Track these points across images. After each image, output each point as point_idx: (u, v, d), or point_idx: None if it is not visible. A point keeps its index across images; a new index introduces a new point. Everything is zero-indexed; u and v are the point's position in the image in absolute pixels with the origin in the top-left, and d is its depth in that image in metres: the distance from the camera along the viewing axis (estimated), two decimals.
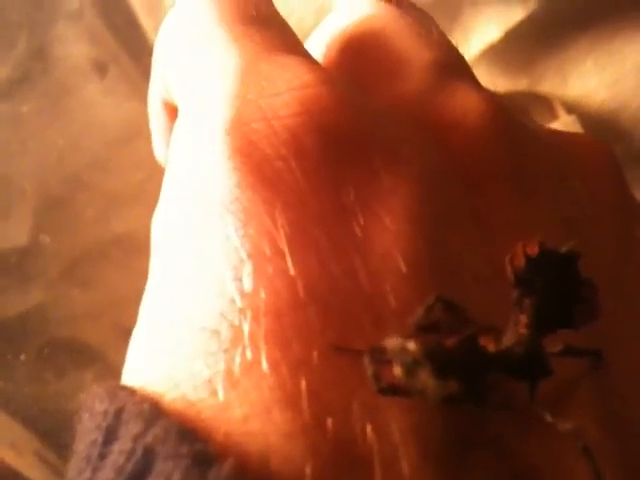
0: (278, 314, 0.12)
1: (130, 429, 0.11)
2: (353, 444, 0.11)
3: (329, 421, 0.11)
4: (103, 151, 0.37)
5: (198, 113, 0.15)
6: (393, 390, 0.11)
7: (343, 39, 0.18)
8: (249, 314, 0.12)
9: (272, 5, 0.18)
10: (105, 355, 0.37)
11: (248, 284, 0.12)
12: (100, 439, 0.12)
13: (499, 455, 0.12)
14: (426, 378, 0.11)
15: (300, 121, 0.14)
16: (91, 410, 0.12)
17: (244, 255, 0.13)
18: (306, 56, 0.16)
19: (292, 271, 0.12)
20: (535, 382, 0.12)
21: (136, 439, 0.11)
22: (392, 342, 0.11)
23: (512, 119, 0.16)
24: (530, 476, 0.12)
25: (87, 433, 0.12)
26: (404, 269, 0.13)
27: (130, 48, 0.37)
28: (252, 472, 0.11)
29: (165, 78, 0.18)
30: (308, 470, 0.11)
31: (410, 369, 0.11)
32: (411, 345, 0.11)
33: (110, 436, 0.12)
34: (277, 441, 0.11)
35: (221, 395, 0.12)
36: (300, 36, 0.18)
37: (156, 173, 0.38)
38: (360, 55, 0.18)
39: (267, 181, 0.13)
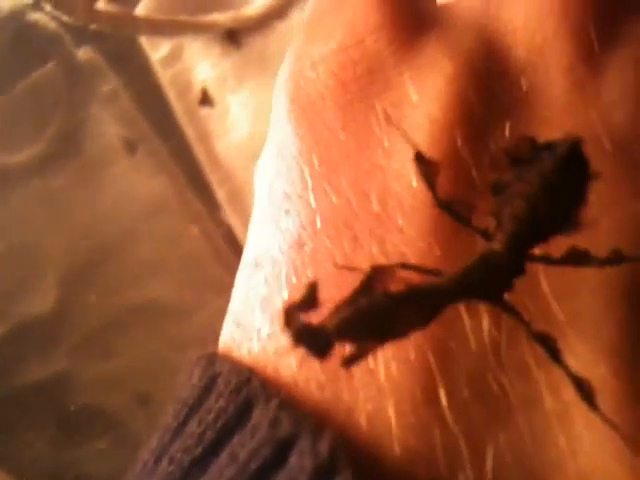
0: (300, 244, 0.15)
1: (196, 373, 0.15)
2: None
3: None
4: (129, 224, 0.39)
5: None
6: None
7: None
8: (285, 248, 0.15)
9: None
10: (123, 423, 0.37)
11: (288, 223, 0.15)
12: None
13: None
14: None
15: (339, 60, 0.16)
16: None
17: (287, 203, 0.15)
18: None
19: (313, 204, 0.15)
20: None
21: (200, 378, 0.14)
22: None
23: None
24: None
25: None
26: (410, 202, 0.14)
27: (159, 128, 0.39)
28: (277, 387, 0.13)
29: None
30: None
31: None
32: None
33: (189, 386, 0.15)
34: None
35: (264, 332, 0.14)
36: None
37: (177, 245, 0.40)
38: None
39: (310, 125, 0.15)
